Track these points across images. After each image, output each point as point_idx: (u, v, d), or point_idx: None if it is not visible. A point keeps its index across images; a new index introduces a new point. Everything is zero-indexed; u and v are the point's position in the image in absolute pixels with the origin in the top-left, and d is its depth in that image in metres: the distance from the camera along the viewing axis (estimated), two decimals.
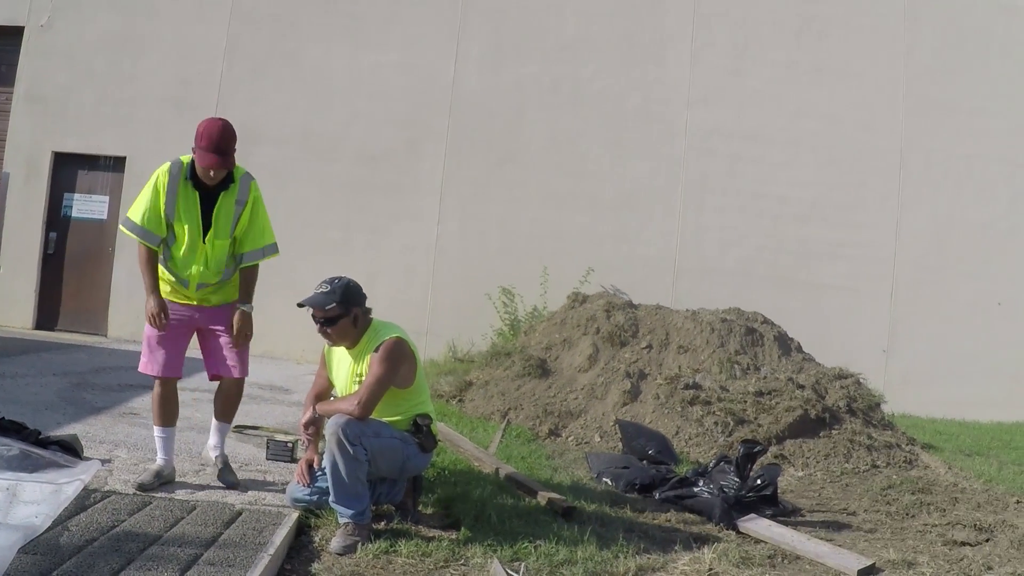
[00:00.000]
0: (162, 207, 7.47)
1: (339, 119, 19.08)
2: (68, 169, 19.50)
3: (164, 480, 7.67)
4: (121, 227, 7.72)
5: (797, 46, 19.03)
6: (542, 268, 17.98)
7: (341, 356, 7.44)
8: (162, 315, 7.62)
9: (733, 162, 18.76)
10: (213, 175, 7.39)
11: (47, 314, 19.47)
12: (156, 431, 7.79)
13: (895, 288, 18.53)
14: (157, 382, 7.77)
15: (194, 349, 7.98)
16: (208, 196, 7.56)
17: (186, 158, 7.48)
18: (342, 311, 7.12)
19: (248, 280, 7.89)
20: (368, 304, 7.39)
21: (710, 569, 6.75)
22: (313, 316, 7.22)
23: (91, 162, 19.50)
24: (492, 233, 18.76)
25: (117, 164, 19.31)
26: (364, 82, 19.14)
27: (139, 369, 7.83)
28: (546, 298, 17.77)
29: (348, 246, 18.57)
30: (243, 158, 17.67)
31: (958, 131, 18.83)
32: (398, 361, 7.08)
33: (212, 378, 8.14)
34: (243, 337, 7.85)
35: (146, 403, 11.32)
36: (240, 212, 7.65)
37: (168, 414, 7.81)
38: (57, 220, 19.50)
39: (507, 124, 18.99)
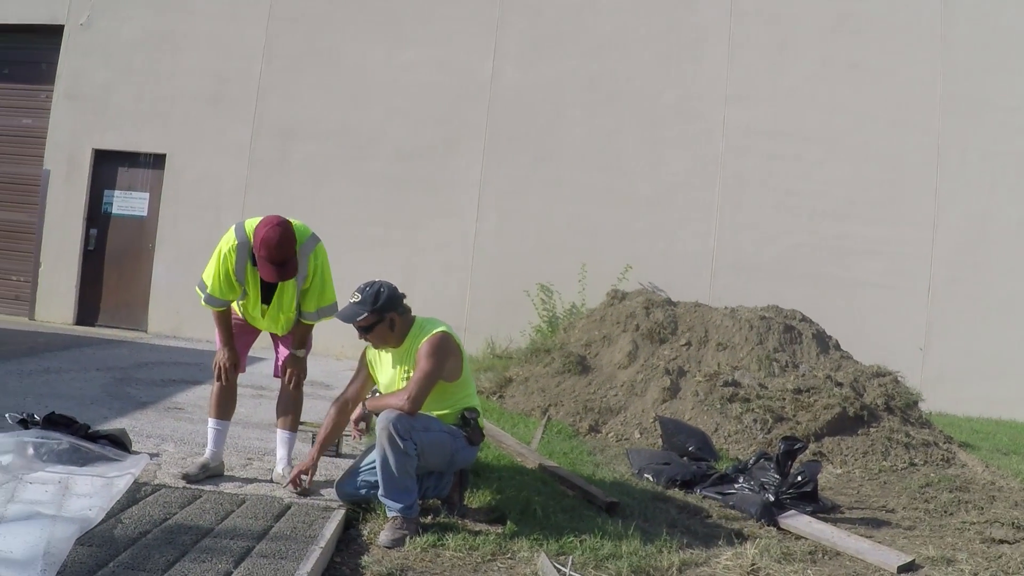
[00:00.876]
0: (233, 276, 7.58)
1: (377, 116, 19.18)
2: (108, 166, 19.68)
3: (210, 473, 7.79)
4: (196, 289, 7.79)
5: (833, 43, 18.95)
6: (580, 265, 17.93)
7: (385, 356, 7.51)
8: (231, 369, 7.87)
9: (770, 159, 18.71)
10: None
11: (87, 310, 19.68)
12: (211, 423, 7.94)
13: (932, 286, 18.43)
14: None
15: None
16: None
17: (251, 226, 7.47)
18: (376, 319, 7.19)
19: (303, 330, 7.99)
20: (407, 302, 7.45)
21: (752, 564, 6.81)
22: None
23: (131, 159, 19.69)
24: (530, 230, 18.79)
25: (157, 161, 19.51)
26: (401, 79, 19.21)
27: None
28: (584, 295, 17.77)
29: (386, 243, 18.66)
30: (282, 155, 17.91)
31: (995, 128, 18.68)
32: (445, 355, 7.16)
33: (275, 375, 8.28)
34: (295, 380, 7.99)
35: (190, 398, 11.49)
36: (302, 285, 7.70)
37: (225, 408, 7.98)
38: (98, 216, 19.71)
39: (545, 121, 19.01)
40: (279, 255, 7.17)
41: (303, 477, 7.42)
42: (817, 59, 18.88)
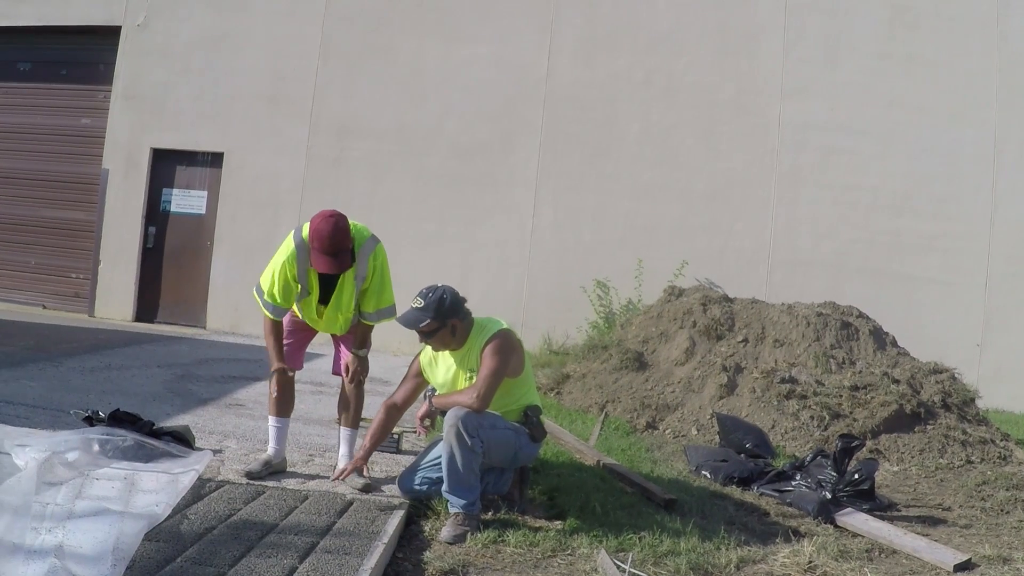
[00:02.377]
0: (293, 282, 7.67)
1: (433, 113, 19.27)
2: (166, 165, 19.90)
3: (273, 469, 7.89)
4: (253, 293, 7.89)
5: (889, 36, 18.87)
6: (636, 261, 17.95)
7: (443, 358, 7.57)
8: (280, 383, 7.98)
9: (826, 154, 18.66)
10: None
11: (146, 307, 19.89)
12: (271, 420, 8.05)
13: (989, 281, 18.31)
14: (275, 373, 7.98)
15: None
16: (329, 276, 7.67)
17: (307, 228, 7.53)
18: (438, 324, 7.21)
19: (364, 330, 8.03)
20: (465, 301, 7.51)
21: (810, 562, 6.83)
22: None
23: (189, 158, 19.91)
24: (586, 226, 18.81)
25: (215, 160, 19.72)
26: (458, 76, 19.30)
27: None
28: (641, 291, 17.78)
29: (443, 238, 18.75)
30: (339, 153, 18.02)
31: None
32: (509, 352, 7.21)
33: (334, 373, 8.39)
34: (357, 379, 8.05)
35: (251, 394, 11.62)
36: (361, 285, 7.75)
37: (283, 405, 8.06)
38: (156, 215, 19.93)
39: (601, 117, 19.01)
40: (331, 246, 7.25)
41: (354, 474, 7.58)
42: (873, 52, 18.80)
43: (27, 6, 20.51)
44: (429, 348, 7.60)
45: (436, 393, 7.58)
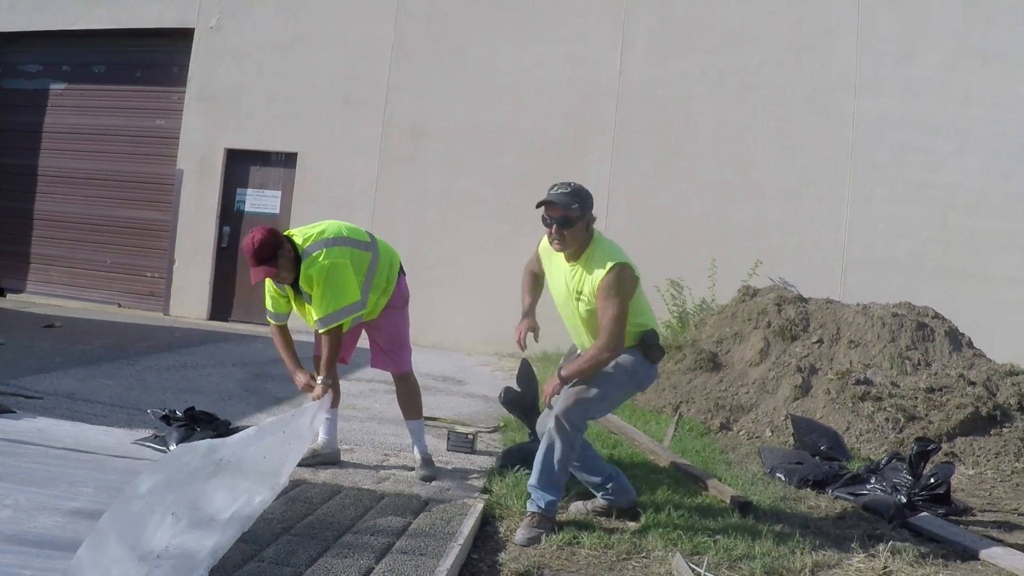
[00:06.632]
0: (277, 294, 8.20)
1: (506, 112, 19.33)
2: (240, 165, 20.12)
3: (324, 460, 8.17)
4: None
5: (964, 32, 18.66)
6: (710, 260, 17.86)
7: (556, 263, 7.47)
8: (308, 389, 8.05)
9: (901, 152, 18.49)
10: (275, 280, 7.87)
11: (220, 305, 20.15)
12: None
13: None
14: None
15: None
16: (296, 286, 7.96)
17: None
18: (581, 213, 7.11)
19: (324, 348, 8.02)
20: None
21: (885, 567, 6.77)
22: (549, 216, 7.22)
23: (263, 158, 20.14)
24: (660, 225, 18.75)
25: (288, 160, 19.92)
26: (530, 75, 19.35)
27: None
28: (715, 290, 17.72)
29: (518, 237, 18.54)
30: (412, 152, 18.10)
31: None
32: (629, 290, 7.06)
33: (372, 366, 8.67)
34: (329, 402, 7.90)
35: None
36: (308, 296, 7.87)
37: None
38: (231, 214, 20.16)
39: (674, 116, 18.99)
40: (250, 257, 7.52)
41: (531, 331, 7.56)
42: (948, 48, 18.61)
43: (101, 9, 20.81)
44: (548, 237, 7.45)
45: (563, 364, 7.48)
